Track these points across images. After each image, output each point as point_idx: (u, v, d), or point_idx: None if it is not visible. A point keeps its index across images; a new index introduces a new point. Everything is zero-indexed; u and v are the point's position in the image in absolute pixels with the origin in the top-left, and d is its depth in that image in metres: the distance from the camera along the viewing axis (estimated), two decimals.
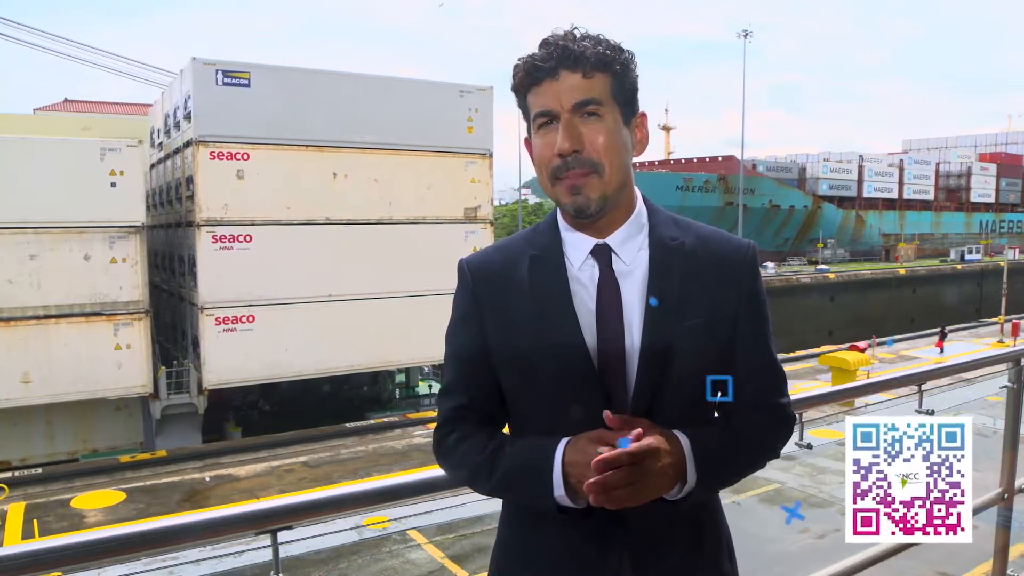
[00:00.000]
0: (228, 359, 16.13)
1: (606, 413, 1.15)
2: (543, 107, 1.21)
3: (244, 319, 16.25)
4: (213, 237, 15.83)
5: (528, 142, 1.31)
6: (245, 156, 16.08)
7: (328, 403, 19.45)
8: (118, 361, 15.39)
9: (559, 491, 1.19)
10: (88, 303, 15.06)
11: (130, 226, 15.35)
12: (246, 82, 16.08)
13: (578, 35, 1.21)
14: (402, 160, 17.96)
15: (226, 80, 15.90)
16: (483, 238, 19.27)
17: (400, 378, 23.22)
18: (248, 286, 16.15)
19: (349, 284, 17.33)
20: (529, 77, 1.22)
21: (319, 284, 16.96)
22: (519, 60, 1.24)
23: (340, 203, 17.25)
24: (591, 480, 1.12)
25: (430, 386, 23.29)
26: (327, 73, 17.73)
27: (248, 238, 16.17)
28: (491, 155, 19.35)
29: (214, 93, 15.79)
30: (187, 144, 16.29)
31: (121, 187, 15.04)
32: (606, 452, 1.12)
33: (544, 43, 1.22)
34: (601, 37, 1.22)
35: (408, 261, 17.81)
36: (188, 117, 16.19)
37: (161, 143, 19.68)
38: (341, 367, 17.89)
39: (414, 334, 17.92)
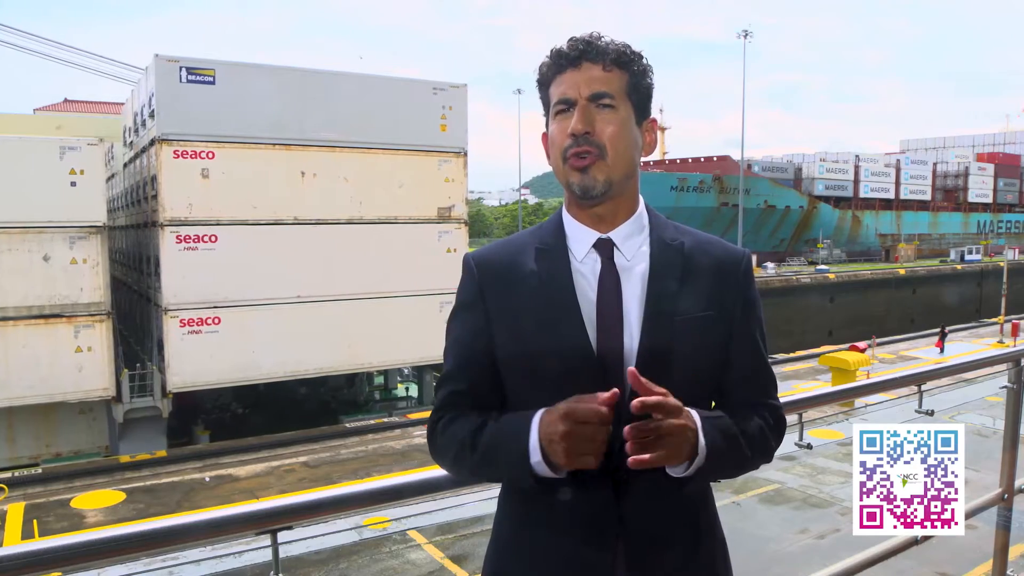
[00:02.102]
0: (193, 361, 15.95)
1: (630, 369, 1.18)
2: (562, 94, 1.30)
3: (210, 321, 16.07)
4: (177, 237, 15.66)
5: (545, 136, 1.38)
6: (210, 155, 15.91)
7: (305, 405, 19.29)
8: (79, 364, 15.22)
9: (535, 456, 1.21)
10: (47, 304, 14.88)
11: (91, 226, 15.13)
12: (211, 79, 15.89)
13: (600, 36, 1.31)
14: (373, 159, 17.84)
15: (190, 77, 15.70)
16: (457, 238, 19.20)
17: (379, 380, 22.99)
18: (214, 287, 15.98)
19: (319, 285, 17.18)
20: (555, 65, 1.31)
21: (287, 285, 16.81)
22: (547, 55, 1.33)
23: (309, 203, 17.10)
24: (631, 425, 1.16)
25: (407, 389, 23.12)
26: (295, 70, 17.50)
27: (213, 238, 15.99)
28: (465, 153, 19.24)
29: (178, 90, 15.60)
30: (151, 143, 16.11)
31: (81, 186, 14.86)
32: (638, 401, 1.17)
33: (571, 39, 1.32)
34: (624, 43, 1.32)
35: (380, 262, 17.72)
36: (153, 115, 16.00)
37: (131, 142, 19.50)
38: (311, 370, 17.72)
39: (387, 336, 17.82)
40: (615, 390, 1.17)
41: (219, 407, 18.81)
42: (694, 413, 1.24)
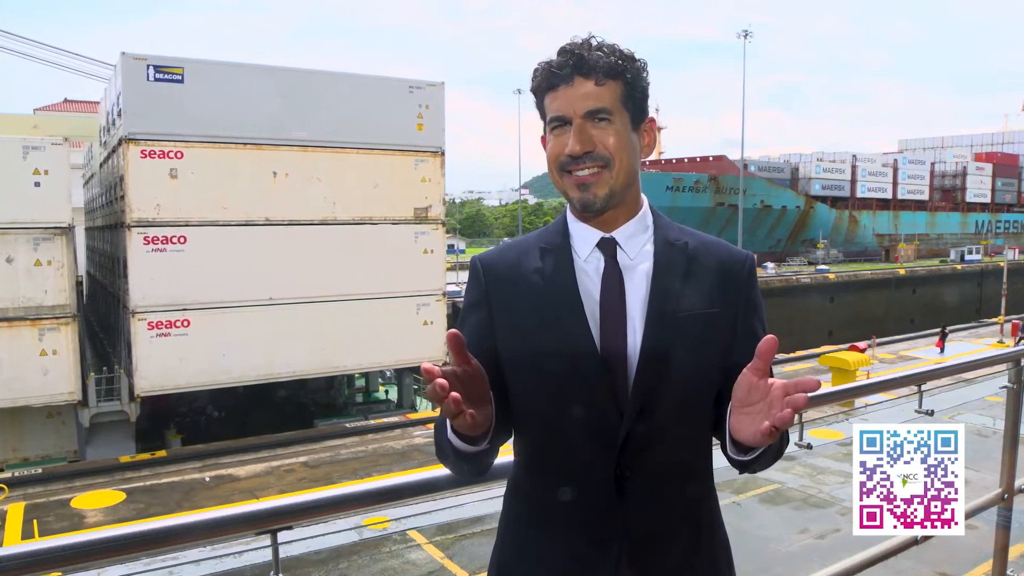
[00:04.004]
0: (161, 365, 15.74)
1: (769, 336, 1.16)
2: (557, 111, 1.31)
3: (179, 323, 15.84)
4: (145, 239, 15.41)
5: (544, 140, 1.40)
6: (179, 154, 15.68)
7: (284, 408, 19.12)
8: (44, 367, 15.01)
9: (450, 431, 1.25)
10: (11, 307, 14.65)
11: (56, 227, 14.91)
12: (179, 78, 15.68)
13: (594, 44, 1.31)
14: (347, 158, 17.62)
15: (158, 76, 15.47)
16: (434, 239, 19.03)
17: (360, 382, 22.79)
18: (183, 289, 15.76)
19: (291, 287, 16.97)
20: (546, 82, 1.32)
21: (259, 287, 16.59)
22: (539, 64, 1.34)
23: (281, 203, 16.88)
24: (783, 412, 1.09)
25: (387, 392, 23.02)
26: (265, 68, 17.29)
27: (182, 239, 15.75)
28: (443, 153, 19.08)
29: (145, 89, 15.38)
30: (120, 142, 15.89)
31: (46, 187, 14.67)
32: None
33: (561, 51, 1.32)
34: (616, 47, 1.32)
35: (355, 263, 17.52)
36: (121, 114, 15.80)
37: (105, 141, 19.34)
38: (284, 373, 17.44)
39: (362, 339, 17.65)
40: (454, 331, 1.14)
41: (194, 410, 18.63)
42: None
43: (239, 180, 16.33)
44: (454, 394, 1.07)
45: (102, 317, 22.08)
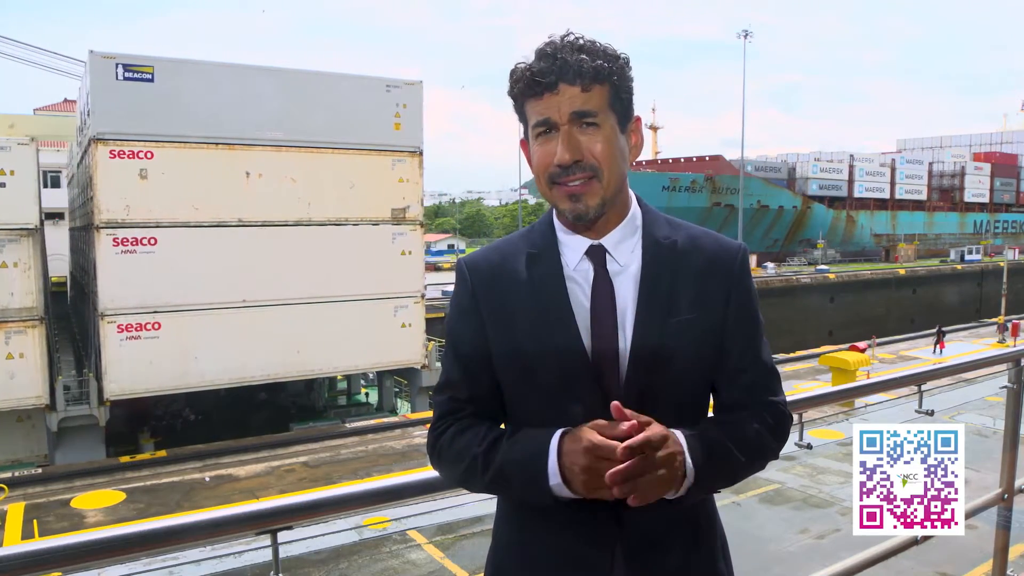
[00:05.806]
0: (131, 368, 15.58)
1: (614, 404, 1.19)
2: (542, 115, 1.28)
3: (149, 326, 15.65)
4: (114, 240, 15.23)
5: (524, 143, 1.39)
6: (149, 155, 15.51)
7: (261, 411, 19.01)
8: (10, 371, 14.86)
9: (555, 479, 1.23)
10: None
11: (22, 228, 14.70)
12: (149, 76, 15.52)
13: (576, 45, 1.27)
14: (322, 158, 17.51)
15: (127, 75, 15.31)
16: (412, 240, 18.95)
17: (342, 385, 22.63)
18: (153, 292, 15.62)
19: (265, 289, 16.82)
20: (529, 90, 1.28)
21: (231, 289, 16.45)
22: (517, 67, 1.30)
23: (254, 204, 16.74)
24: (613, 470, 1.15)
25: (367, 394, 22.98)
26: (238, 67, 17.14)
27: (152, 241, 15.59)
28: (421, 152, 18.99)
29: (114, 88, 15.22)
30: (90, 142, 15.72)
31: (12, 187, 14.52)
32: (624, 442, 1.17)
33: (542, 55, 1.27)
34: (597, 45, 1.29)
35: (330, 265, 17.43)
36: (90, 114, 15.65)
37: (80, 141, 19.15)
38: (257, 376, 17.28)
39: (339, 341, 17.54)
40: (634, 423, 1.18)
41: (171, 413, 18.46)
42: (679, 434, 1.25)
43: (211, 180, 16.20)
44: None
45: (82, 319, 21.99)
